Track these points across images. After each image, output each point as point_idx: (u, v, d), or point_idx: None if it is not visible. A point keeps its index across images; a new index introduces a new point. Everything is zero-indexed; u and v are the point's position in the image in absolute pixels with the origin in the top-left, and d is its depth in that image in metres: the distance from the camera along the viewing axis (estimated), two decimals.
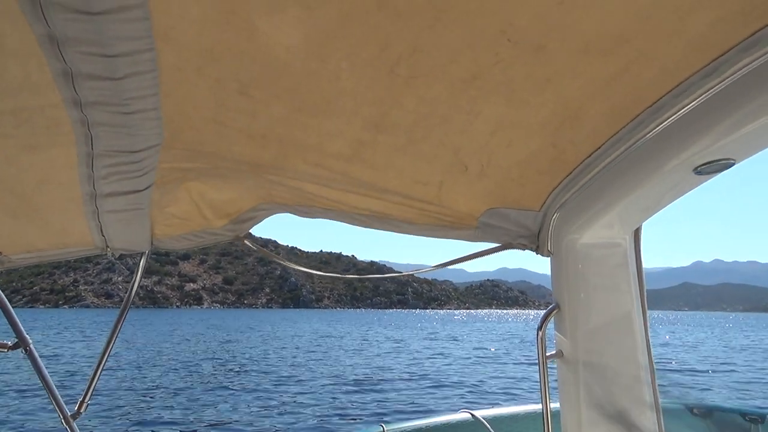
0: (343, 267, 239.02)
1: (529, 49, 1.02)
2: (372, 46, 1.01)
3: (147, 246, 2.02)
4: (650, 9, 0.91)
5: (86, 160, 1.22)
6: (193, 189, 1.74)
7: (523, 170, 1.52)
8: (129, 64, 0.91)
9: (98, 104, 1.00)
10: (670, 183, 1.34)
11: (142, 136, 1.14)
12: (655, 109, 1.19)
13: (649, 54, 1.03)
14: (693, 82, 1.09)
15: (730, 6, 0.90)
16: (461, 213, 1.72)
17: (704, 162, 1.21)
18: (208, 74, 1.08)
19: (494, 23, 0.95)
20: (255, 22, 0.94)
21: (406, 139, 1.35)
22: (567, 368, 1.73)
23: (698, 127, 1.14)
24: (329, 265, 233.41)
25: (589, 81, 1.12)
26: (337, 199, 1.72)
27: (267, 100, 1.19)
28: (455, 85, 1.13)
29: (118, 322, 2.17)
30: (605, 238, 1.68)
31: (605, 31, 0.97)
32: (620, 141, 1.33)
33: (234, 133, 1.34)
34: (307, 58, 1.04)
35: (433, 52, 1.03)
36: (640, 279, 1.71)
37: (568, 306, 1.72)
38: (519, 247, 1.80)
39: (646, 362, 1.69)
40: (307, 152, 1.44)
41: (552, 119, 1.27)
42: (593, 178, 1.50)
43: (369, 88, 1.15)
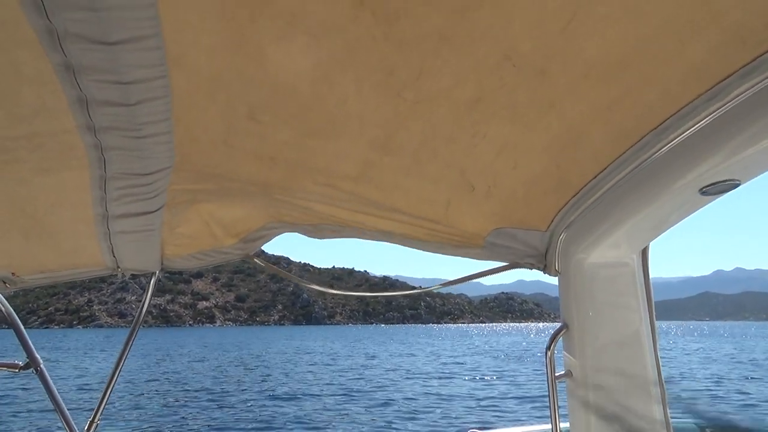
0: (356, 282, 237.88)
1: (532, 74, 1.04)
2: (378, 72, 1.04)
3: (157, 266, 2.03)
4: (651, 35, 0.94)
5: (99, 182, 1.24)
6: (203, 209, 1.76)
7: (528, 190, 1.52)
8: (143, 90, 0.94)
9: (112, 129, 1.02)
10: (676, 203, 1.35)
11: (153, 159, 1.16)
12: (659, 132, 1.21)
13: (650, 78, 1.05)
14: (696, 106, 1.10)
15: (729, 33, 0.92)
16: (468, 233, 1.72)
17: (710, 183, 1.22)
18: (218, 99, 1.11)
19: (498, 49, 0.98)
20: (264, 50, 0.97)
21: (413, 160, 1.36)
22: (576, 388, 1.70)
23: (703, 149, 1.15)
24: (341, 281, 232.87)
25: (591, 104, 1.14)
26: (345, 218, 1.72)
27: (275, 124, 1.21)
28: (460, 108, 1.15)
29: (129, 341, 2.16)
30: (613, 257, 1.67)
31: (607, 57, 1.00)
32: (625, 162, 1.34)
33: (243, 156, 1.36)
34: (314, 83, 1.07)
35: (438, 77, 1.05)
36: (648, 297, 1.71)
37: (576, 326, 1.71)
38: (526, 266, 1.80)
39: (656, 381, 1.67)
40: (314, 173, 1.45)
41: (556, 141, 1.29)
42: (599, 199, 1.50)
43: (375, 112, 1.16)
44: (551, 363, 1.71)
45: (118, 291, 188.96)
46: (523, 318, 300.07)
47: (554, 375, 1.72)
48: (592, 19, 0.91)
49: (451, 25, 0.93)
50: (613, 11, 0.89)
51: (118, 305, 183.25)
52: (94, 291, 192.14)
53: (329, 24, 0.92)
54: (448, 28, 0.93)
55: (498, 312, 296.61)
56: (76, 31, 0.80)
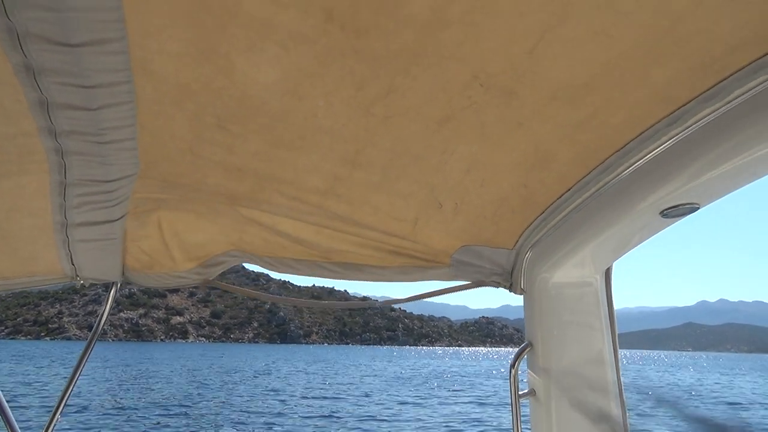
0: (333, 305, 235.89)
1: (500, 94, 1.05)
2: (348, 87, 1.04)
3: (118, 276, 1.99)
4: (616, 59, 0.95)
5: (59, 188, 1.20)
6: (165, 224, 1.72)
7: (496, 209, 1.53)
8: (106, 95, 0.92)
9: (73, 134, 1.00)
10: (638, 225, 1.37)
11: (117, 166, 1.14)
12: (622, 154, 1.23)
13: (615, 101, 1.08)
14: (658, 129, 1.13)
15: (691, 60, 0.94)
16: (435, 250, 1.73)
17: (670, 206, 1.23)
18: (186, 108, 1.09)
19: (467, 69, 0.99)
20: (233, 60, 0.96)
21: (382, 176, 1.36)
22: (539, 407, 1.71)
23: (664, 172, 1.18)
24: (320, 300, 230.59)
25: (558, 125, 1.16)
26: (310, 240, 1.69)
27: (244, 135, 1.19)
28: (430, 126, 1.16)
29: (85, 353, 2.08)
30: (577, 277, 1.69)
31: (573, 79, 1.01)
32: (589, 183, 1.36)
33: (210, 166, 1.34)
34: (284, 95, 1.06)
35: (408, 94, 1.06)
36: (611, 318, 1.72)
37: (540, 344, 1.71)
38: (492, 285, 1.81)
39: (618, 401, 1.68)
40: (282, 186, 1.43)
41: (523, 161, 1.29)
42: (564, 219, 1.51)
43: (345, 126, 1.16)
44: (515, 381, 1.71)
45: (89, 303, 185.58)
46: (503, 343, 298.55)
47: (518, 393, 1.71)
48: (560, 41, 0.92)
49: (421, 43, 0.93)
50: (579, 35, 0.91)
51: (88, 318, 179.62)
52: (65, 302, 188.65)
53: (299, 36, 0.92)
54: (417, 45, 0.94)
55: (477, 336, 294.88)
56: (37, 31, 0.78)
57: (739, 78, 0.97)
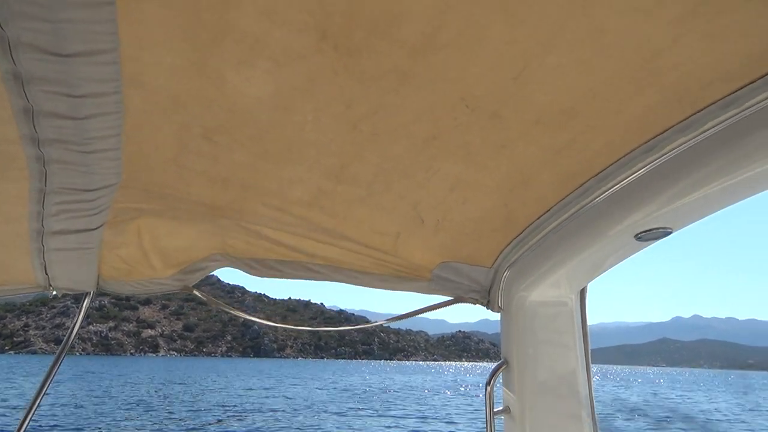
0: (311, 315, 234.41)
1: (485, 116, 1.09)
2: (337, 103, 1.06)
3: (92, 286, 1.95)
4: (597, 88, 1.01)
5: (38, 196, 1.19)
6: (144, 233, 1.70)
7: (476, 227, 1.56)
8: (94, 105, 0.93)
9: (57, 142, 1.00)
10: (613, 247, 1.40)
11: (99, 175, 1.14)
12: (600, 179, 1.27)
13: (595, 128, 1.12)
14: (634, 156, 1.17)
15: (667, 92, 1.00)
16: (416, 265, 1.75)
17: (644, 229, 1.27)
18: (174, 119, 1.10)
19: (454, 90, 1.03)
20: (224, 74, 0.98)
21: (366, 190, 1.38)
22: (513, 424, 1.72)
23: (639, 198, 1.21)
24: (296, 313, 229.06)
25: (540, 148, 1.19)
26: (294, 246, 1.70)
27: (230, 146, 1.20)
28: (416, 144, 1.18)
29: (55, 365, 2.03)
30: (553, 296, 1.71)
31: (556, 105, 1.06)
32: (568, 205, 1.39)
33: (194, 176, 1.34)
34: (273, 109, 1.08)
35: (396, 112, 1.08)
36: (585, 337, 1.75)
37: (516, 362, 1.74)
38: (470, 302, 1.82)
39: (590, 421, 1.70)
40: (267, 197, 1.44)
41: (505, 181, 1.33)
42: (542, 239, 1.54)
43: (332, 141, 1.18)
44: (490, 398, 1.71)
45: (57, 316, 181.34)
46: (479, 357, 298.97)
47: (493, 410, 1.72)
48: (544, 69, 0.96)
49: (410, 65, 0.96)
50: (563, 63, 0.95)
51: (56, 331, 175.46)
52: (32, 315, 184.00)
53: (292, 53, 0.93)
54: (407, 67, 0.96)
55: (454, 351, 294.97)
56: (29, 40, 0.78)
57: (711, 111, 1.01)
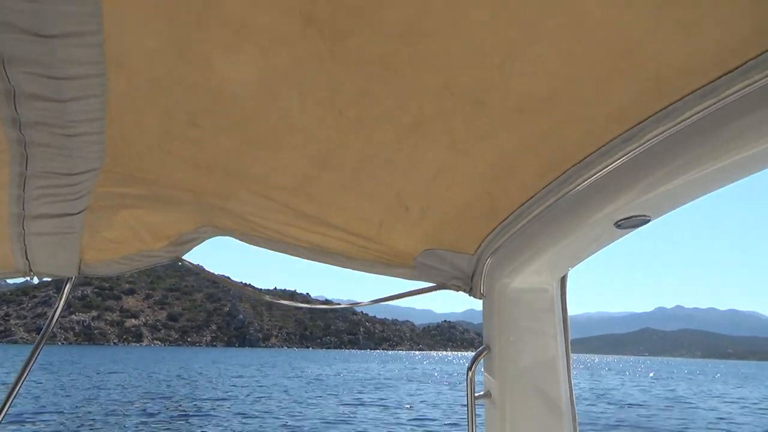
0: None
1: (469, 104, 1.10)
2: (323, 89, 1.05)
3: (74, 271, 1.93)
4: (579, 77, 1.02)
5: (18, 180, 1.17)
6: (129, 214, 1.70)
7: (459, 215, 1.58)
8: (77, 87, 0.90)
9: (39, 125, 0.98)
10: (593, 235, 1.42)
11: (81, 159, 1.12)
12: (581, 166, 1.29)
13: (576, 117, 1.14)
14: (615, 145, 1.19)
15: (647, 81, 1.01)
16: (399, 252, 1.76)
17: (624, 217, 1.29)
18: (158, 103, 1.08)
19: (438, 77, 1.03)
20: (210, 58, 0.96)
21: (351, 177, 1.38)
22: (494, 409, 1.76)
23: (619, 186, 1.24)
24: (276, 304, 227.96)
25: (523, 136, 1.20)
26: (279, 230, 1.73)
27: (215, 131, 1.19)
28: (400, 131, 1.19)
29: (32, 356, 2.01)
30: (534, 283, 1.73)
31: (538, 94, 1.06)
32: (550, 193, 1.41)
33: (179, 162, 1.33)
34: (258, 94, 1.07)
35: (381, 99, 1.09)
36: (565, 324, 1.77)
37: (497, 348, 1.76)
38: (453, 288, 1.84)
39: (569, 406, 1.73)
40: (252, 183, 1.44)
41: (489, 169, 1.34)
42: (524, 227, 1.56)
43: (318, 127, 1.18)
44: (471, 384, 1.74)
45: (39, 305, 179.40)
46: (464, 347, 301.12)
47: (474, 395, 1.75)
48: (527, 57, 0.97)
49: (395, 51, 0.96)
50: (545, 52, 0.96)
51: (37, 320, 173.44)
52: (13, 304, 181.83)
53: (277, 38, 0.93)
54: (392, 53, 0.97)
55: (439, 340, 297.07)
56: (10, 20, 0.77)
57: (689, 101, 1.02)
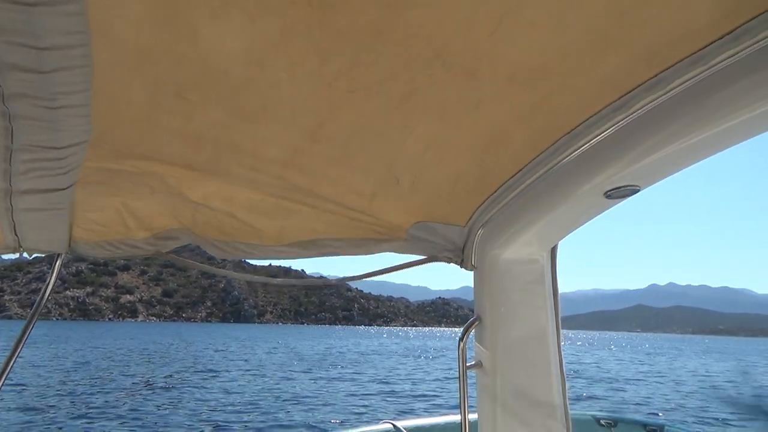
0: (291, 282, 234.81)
1: (461, 74, 1.08)
2: (312, 59, 1.04)
3: (64, 248, 1.93)
4: (570, 45, 1.01)
5: (4, 154, 1.16)
6: (116, 194, 1.68)
7: (451, 187, 1.58)
8: (60, 58, 0.88)
9: (23, 97, 0.95)
10: (583, 205, 1.43)
11: (67, 132, 1.10)
12: (571, 137, 1.29)
13: (567, 86, 1.13)
14: (604, 114, 1.19)
15: (637, 49, 1.01)
16: (391, 224, 1.77)
17: (613, 187, 1.30)
18: (145, 74, 1.06)
19: (430, 47, 1.01)
20: (197, 27, 0.94)
21: (342, 150, 1.38)
22: (485, 378, 1.78)
23: (608, 155, 1.24)
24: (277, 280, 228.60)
25: (514, 107, 1.20)
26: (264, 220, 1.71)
27: (204, 103, 1.18)
28: (391, 102, 1.18)
29: (26, 329, 2.02)
30: (525, 254, 1.74)
31: (530, 62, 1.05)
32: (540, 164, 1.41)
33: (167, 135, 1.31)
34: (247, 65, 1.05)
35: (372, 69, 1.07)
36: (555, 295, 1.79)
37: (489, 319, 1.78)
38: (444, 260, 1.85)
39: (558, 375, 1.76)
40: (241, 156, 1.43)
41: (479, 140, 1.34)
42: (515, 198, 1.57)
43: (308, 98, 1.17)
44: (463, 354, 1.76)
45: (33, 281, 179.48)
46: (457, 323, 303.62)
47: (465, 365, 1.77)
48: (519, 24, 0.96)
49: (386, 20, 0.95)
50: (537, 18, 0.95)
51: (32, 296, 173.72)
52: (7, 280, 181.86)
53: (266, 7, 0.91)
54: (382, 22, 0.95)
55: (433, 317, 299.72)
56: None
57: (678, 69, 1.03)
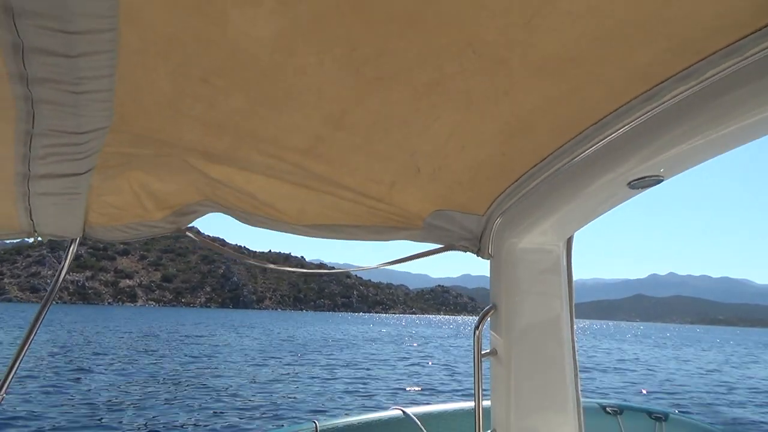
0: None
1: (491, 63, 1.07)
2: (342, 46, 1.03)
3: (78, 233, 1.93)
4: (605, 36, 0.99)
5: (24, 138, 1.15)
6: (134, 178, 1.68)
7: (472, 175, 1.57)
8: (87, 42, 0.87)
9: (47, 81, 0.95)
10: (605, 195, 1.44)
11: (89, 118, 1.10)
12: (598, 127, 1.29)
13: (598, 76, 1.11)
14: (634, 105, 1.19)
15: (673, 40, 1.00)
16: (409, 213, 1.76)
17: (637, 177, 1.30)
18: (170, 59, 1.06)
19: (462, 35, 1.00)
20: (227, 12, 0.93)
21: (364, 138, 1.38)
22: (500, 366, 1.79)
23: (634, 146, 1.24)
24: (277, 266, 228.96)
25: (542, 96, 1.19)
26: (283, 202, 1.72)
27: (228, 90, 1.18)
28: (418, 90, 1.17)
29: (41, 313, 2.05)
30: (542, 243, 1.75)
31: (563, 52, 1.04)
32: (564, 154, 1.41)
33: (189, 121, 1.32)
34: (275, 51, 1.05)
35: (401, 56, 1.06)
36: (569, 285, 1.80)
37: (504, 307, 1.79)
38: (461, 249, 1.85)
39: (572, 363, 1.78)
40: (262, 144, 1.43)
41: (505, 129, 1.33)
42: (536, 187, 1.57)
43: (333, 86, 1.16)
44: (478, 342, 1.77)
45: (33, 264, 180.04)
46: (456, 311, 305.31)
47: (481, 353, 1.78)
48: (556, 13, 0.94)
49: (420, 7, 0.93)
50: (574, 9, 0.93)
51: (31, 279, 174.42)
52: (7, 264, 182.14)
53: None
54: (417, 10, 0.93)
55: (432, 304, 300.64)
56: None
57: (713, 60, 1.03)
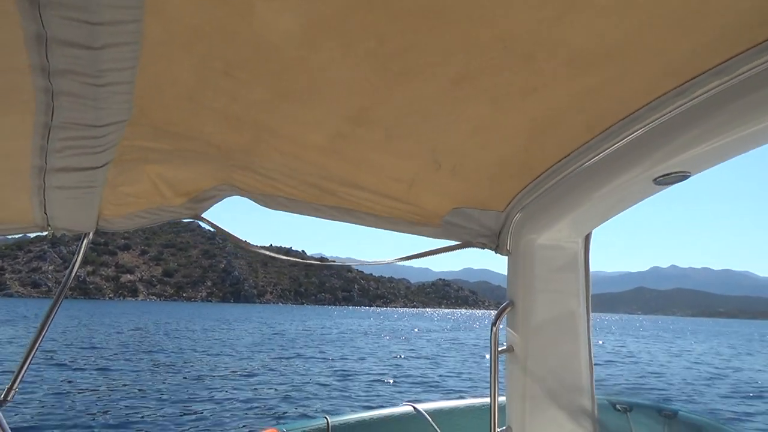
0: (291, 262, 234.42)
1: (520, 57, 1.04)
2: (368, 40, 1.01)
3: (92, 227, 1.93)
4: (638, 29, 0.96)
5: (42, 131, 1.14)
6: (151, 168, 1.66)
7: (494, 172, 1.54)
8: (111, 33, 0.86)
9: (69, 73, 0.93)
10: (629, 191, 1.41)
11: (109, 110, 1.08)
12: (627, 122, 1.26)
13: (629, 71, 1.08)
14: (664, 100, 1.15)
15: (708, 35, 0.96)
16: (428, 211, 1.74)
17: (664, 173, 1.27)
18: (194, 51, 1.04)
19: (493, 30, 0.97)
20: (253, 3, 0.92)
21: (385, 135, 1.36)
22: (516, 362, 1.78)
23: (663, 141, 1.21)
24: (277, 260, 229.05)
25: (570, 92, 1.16)
26: (303, 190, 1.70)
27: (250, 83, 1.16)
28: (443, 85, 1.14)
29: (53, 308, 2.06)
30: (561, 239, 1.73)
31: (595, 46, 1.01)
32: (589, 149, 1.38)
33: (209, 114, 1.30)
34: (300, 45, 1.02)
35: (428, 51, 1.03)
36: (587, 282, 1.78)
37: (521, 303, 1.77)
38: (478, 246, 1.82)
39: (587, 360, 1.77)
40: (281, 140, 1.41)
41: (530, 125, 1.30)
42: (558, 183, 1.54)
43: (357, 81, 1.14)
44: (495, 338, 1.76)
45: (34, 260, 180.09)
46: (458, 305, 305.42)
47: (497, 350, 1.77)
48: (590, 8, 0.91)
49: (452, 2, 0.91)
50: (609, 2, 0.90)
51: (32, 275, 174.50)
52: (8, 259, 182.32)
53: None
54: (447, 4, 0.91)
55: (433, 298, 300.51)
56: None
57: (748, 55, 0.99)
